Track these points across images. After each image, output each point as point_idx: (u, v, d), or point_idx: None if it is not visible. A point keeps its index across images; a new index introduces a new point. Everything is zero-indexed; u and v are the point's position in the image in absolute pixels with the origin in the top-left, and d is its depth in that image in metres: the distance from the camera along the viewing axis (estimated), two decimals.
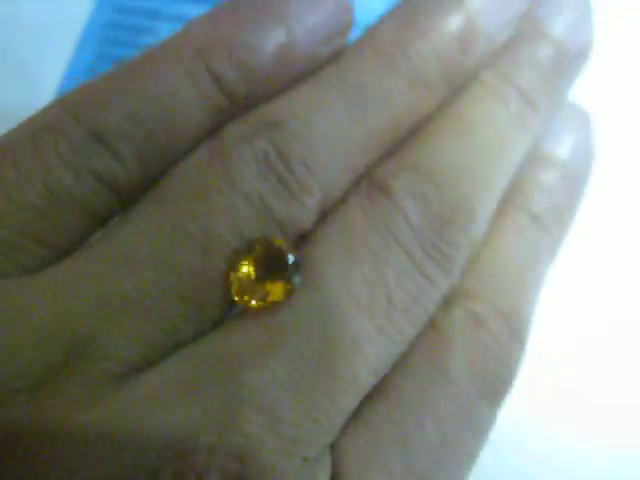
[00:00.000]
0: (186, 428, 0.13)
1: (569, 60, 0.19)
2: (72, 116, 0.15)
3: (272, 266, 0.14)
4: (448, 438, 0.16)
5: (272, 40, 0.17)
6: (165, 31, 0.16)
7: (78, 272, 0.14)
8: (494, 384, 0.16)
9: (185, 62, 0.16)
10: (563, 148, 0.20)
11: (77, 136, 0.15)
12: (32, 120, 0.15)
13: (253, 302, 0.14)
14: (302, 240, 0.16)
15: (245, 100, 0.16)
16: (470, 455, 0.16)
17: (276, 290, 0.14)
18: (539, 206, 0.19)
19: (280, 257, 0.15)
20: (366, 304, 0.15)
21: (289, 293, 0.14)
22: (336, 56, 0.18)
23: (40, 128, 0.15)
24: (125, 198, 0.15)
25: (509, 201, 0.19)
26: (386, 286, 0.15)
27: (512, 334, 0.17)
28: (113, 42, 0.29)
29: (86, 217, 0.15)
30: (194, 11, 0.17)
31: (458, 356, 0.16)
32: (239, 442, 0.13)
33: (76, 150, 0.14)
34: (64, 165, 0.14)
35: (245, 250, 0.14)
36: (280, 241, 0.15)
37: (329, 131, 0.16)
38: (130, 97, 0.15)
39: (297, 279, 0.15)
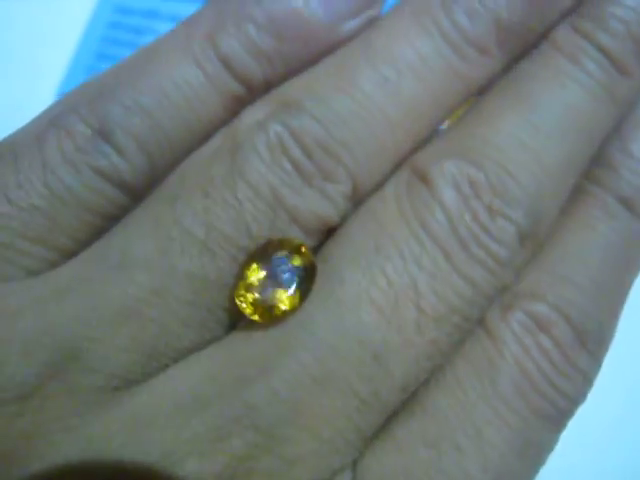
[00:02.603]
0: (173, 451, 0.12)
1: None
2: (75, 112, 0.14)
3: (282, 271, 0.13)
4: (492, 465, 0.13)
5: (285, 14, 0.15)
6: (165, 31, 0.16)
7: (71, 277, 0.13)
8: (554, 401, 0.14)
9: (193, 49, 0.14)
10: None
11: (79, 133, 0.14)
12: (38, 118, 0.15)
13: (260, 311, 0.13)
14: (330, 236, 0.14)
15: (264, 87, 0.15)
16: None
17: (286, 298, 0.13)
18: (631, 187, 0.15)
19: (291, 261, 0.13)
20: (390, 313, 0.13)
21: (300, 302, 0.13)
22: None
23: (43, 126, 0.14)
24: (138, 195, 0.14)
25: (592, 179, 0.15)
26: (415, 291, 0.13)
27: (581, 342, 0.14)
28: (113, 42, 0.29)
29: (92, 216, 0.14)
30: (194, 11, 0.17)
31: (511, 366, 0.13)
32: (228, 464, 0.12)
33: (79, 147, 0.14)
34: (65, 163, 0.14)
35: (253, 252, 0.13)
36: (294, 241, 0.13)
37: (355, 110, 0.14)
38: (133, 89, 0.14)
39: (310, 286, 0.13)
